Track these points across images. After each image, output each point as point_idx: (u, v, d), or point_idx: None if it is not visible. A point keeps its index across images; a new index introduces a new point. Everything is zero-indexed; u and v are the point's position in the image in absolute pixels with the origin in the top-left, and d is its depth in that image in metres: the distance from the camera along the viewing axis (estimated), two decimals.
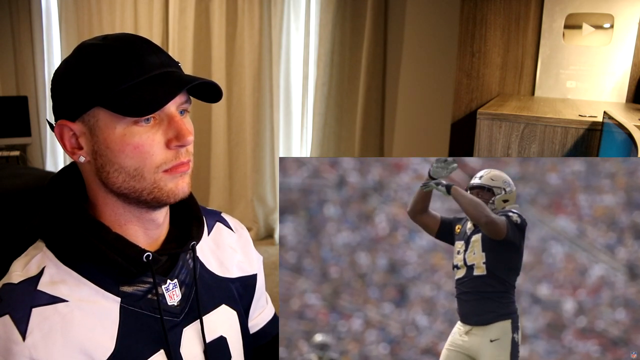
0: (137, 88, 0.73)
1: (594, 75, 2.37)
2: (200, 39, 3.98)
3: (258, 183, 4.04)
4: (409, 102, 3.65)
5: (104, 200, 0.79)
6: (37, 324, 0.71)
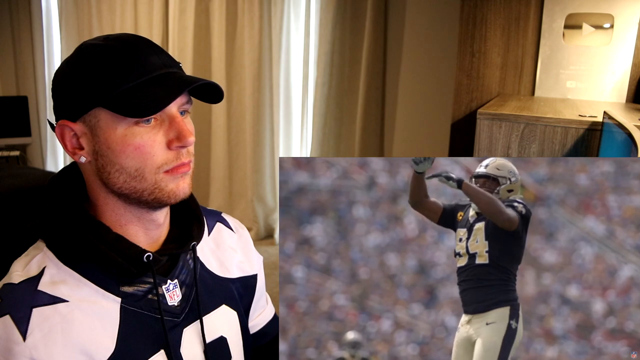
0: (138, 89, 0.73)
1: (594, 75, 2.37)
2: (200, 39, 3.98)
3: (258, 183, 4.04)
4: (409, 102, 3.65)
5: (104, 200, 0.79)
6: (38, 324, 0.71)
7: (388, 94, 3.69)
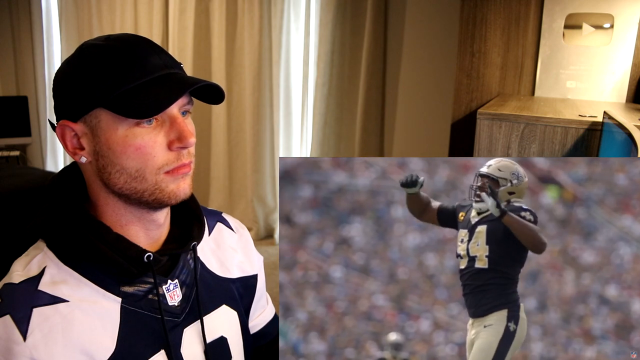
0: (139, 90, 0.73)
1: (594, 75, 2.37)
2: (200, 39, 3.98)
3: (258, 183, 4.04)
4: (409, 102, 3.65)
5: (105, 200, 0.79)
6: (38, 324, 0.71)
7: (388, 94, 3.69)
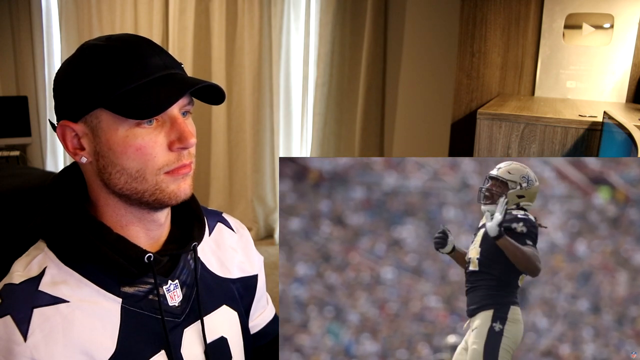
0: (140, 90, 0.73)
1: (594, 75, 2.37)
2: (200, 39, 3.98)
3: (258, 183, 4.04)
4: (409, 102, 3.65)
5: (105, 201, 0.79)
6: (39, 325, 0.71)
7: (388, 94, 3.69)
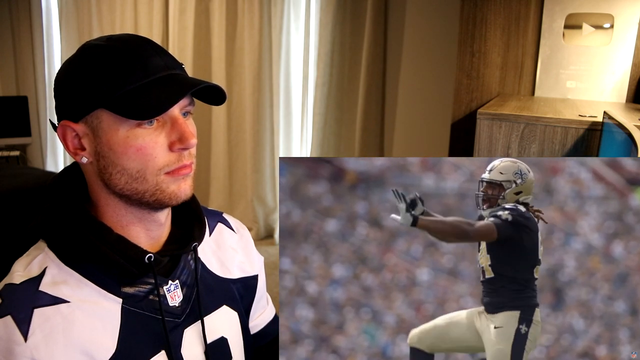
0: (141, 91, 0.73)
1: (594, 75, 2.37)
2: (200, 39, 3.98)
3: (258, 183, 4.04)
4: (409, 102, 3.65)
5: (105, 201, 0.79)
6: (39, 325, 0.71)
7: (388, 94, 3.69)
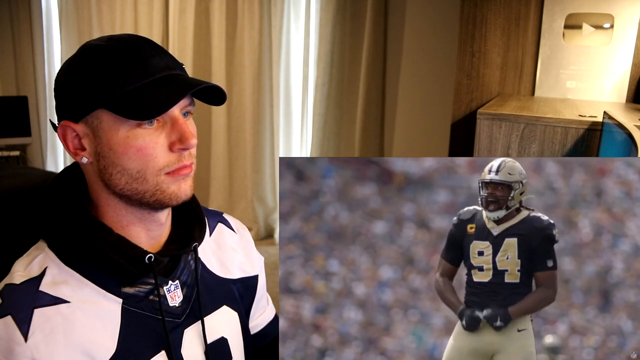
0: (141, 91, 0.73)
1: (594, 75, 2.37)
2: (200, 39, 3.98)
3: (258, 183, 4.04)
4: (409, 102, 3.65)
5: (106, 201, 0.79)
6: (39, 325, 0.71)
7: (388, 94, 3.69)
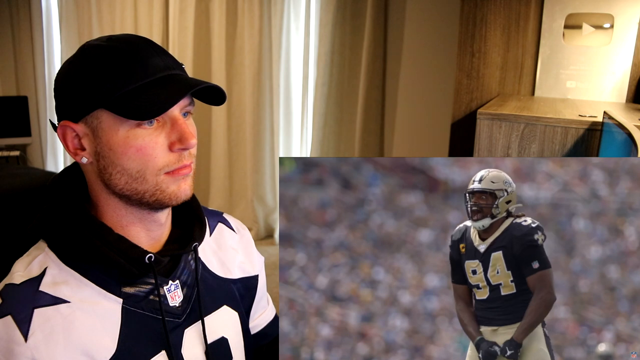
0: (141, 91, 0.73)
1: (594, 75, 2.37)
2: (200, 39, 3.98)
3: (258, 183, 4.04)
4: (409, 102, 3.65)
5: (106, 201, 0.79)
6: (39, 325, 0.71)
7: (388, 94, 3.69)
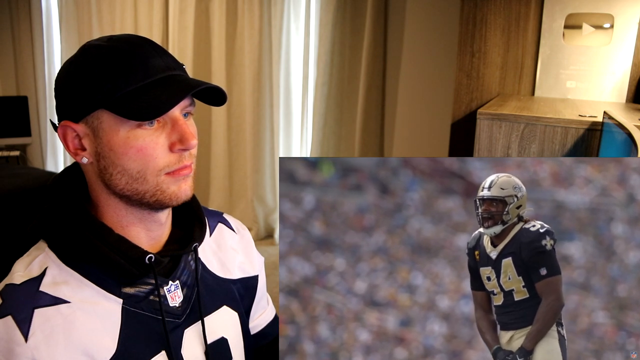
0: (141, 91, 0.73)
1: (594, 75, 2.37)
2: (200, 39, 3.98)
3: (258, 183, 4.04)
4: (409, 102, 3.65)
5: (106, 201, 0.79)
6: (40, 325, 0.71)
7: (388, 94, 3.69)
